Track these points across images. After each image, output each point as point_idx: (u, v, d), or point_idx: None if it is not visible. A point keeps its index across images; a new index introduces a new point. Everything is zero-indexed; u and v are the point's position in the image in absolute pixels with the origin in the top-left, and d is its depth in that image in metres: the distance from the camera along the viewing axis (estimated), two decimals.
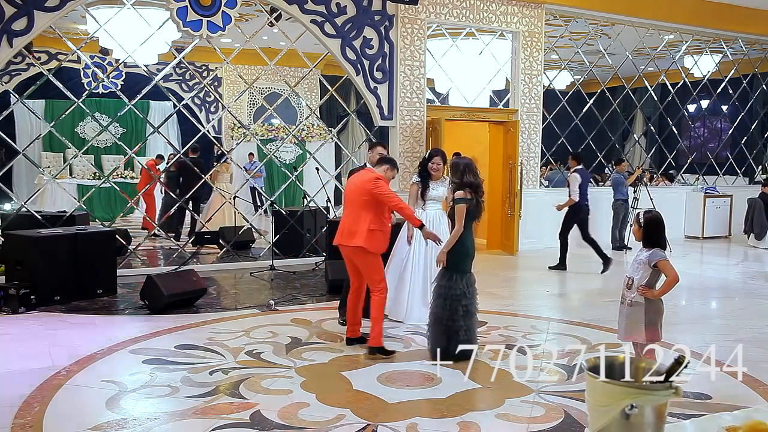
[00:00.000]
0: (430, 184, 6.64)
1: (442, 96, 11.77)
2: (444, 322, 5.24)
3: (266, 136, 15.81)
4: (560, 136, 12.34)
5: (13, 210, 9.43)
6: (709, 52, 14.05)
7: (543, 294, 8.21)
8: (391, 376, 4.94)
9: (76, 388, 4.66)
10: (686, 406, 4.21)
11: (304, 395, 4.54)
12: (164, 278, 7.10)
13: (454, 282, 5.27)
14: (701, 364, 5.05)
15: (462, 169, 5.38)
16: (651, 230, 4.44)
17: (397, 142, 10.03)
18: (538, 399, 4.48)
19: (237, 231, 10.47)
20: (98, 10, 9.76)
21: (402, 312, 6.56)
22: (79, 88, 12.03)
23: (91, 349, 5.52)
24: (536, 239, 11.06)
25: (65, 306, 7.06)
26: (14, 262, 7.23)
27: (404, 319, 6.52)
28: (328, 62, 11.10)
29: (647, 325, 4.36)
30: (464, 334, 5.22)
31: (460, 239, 5.26)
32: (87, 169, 15.36)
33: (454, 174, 5.43)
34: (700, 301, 8.00)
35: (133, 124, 16.70)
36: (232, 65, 10.65)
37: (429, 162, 6.64)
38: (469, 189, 5.30)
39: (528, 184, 11.14)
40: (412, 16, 10.01)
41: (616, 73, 13.29)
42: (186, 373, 4.97)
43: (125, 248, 9.33)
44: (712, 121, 17.01)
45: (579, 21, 12.04)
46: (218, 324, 6.44)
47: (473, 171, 5.39)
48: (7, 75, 13.07)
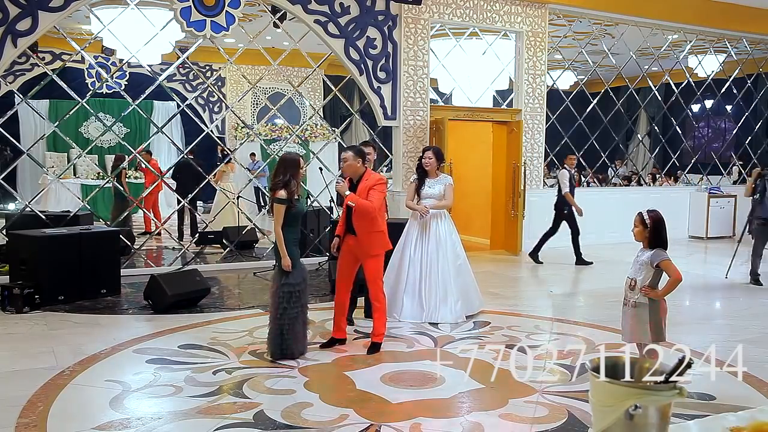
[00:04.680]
0: (426, 181, 6.67)
1: (446, 96, 11.76)
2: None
3: (270, 136, 15.82)
4: (564, 136, 12.32)
5: (18, 210, 9.45)
6: (714, 52, 14.02)
7: (546, 294, 8.20)
8: (395, 376, 4.94)
9: (79, 388, 4.66)
10: (690, 407, 4.19)
11: (307, 395, 4.54)
12: (168, 278, 7.10)
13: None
14: (702, 363, 5.04)
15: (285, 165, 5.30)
16: (657, 230, 4.42)
17: (401, 142, 10.03)
18: (541, 399, 4.48)
19: (240, 231, 10.48)
20: (102, 11, 9.77)
21: (398, 309, 6.58)
22: (83, 88, 12.04)
23: (94, 349, 5.53)
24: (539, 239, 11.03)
25: (69, 306, 7.07)
26: (18, 261, 7.24)
27: (398, 317, 6.54)
28: (332, 62, 11.10)
29: (652, 325, 4.36)
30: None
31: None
32: (91, 169, 15.39)
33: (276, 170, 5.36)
34: (704, 301, 7.99)
35: (136, 124, 16.72)
36: (235, 65, 10.68)
37: (422, 158, 6.71)
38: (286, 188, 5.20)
39: (531, 184, 11.13)
40: (415, 16, 10.01)
41: (620, 73, 13.26)
42: (189, 372, 4.97)
43: (129, 248, 9.35)
44: (716, 121, 16.97)
45: (583, 21, 12.02)
46: (222, 324, 6.45)
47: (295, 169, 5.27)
48: (11, 75, 13.09)
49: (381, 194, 5.53)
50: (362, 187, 5.51)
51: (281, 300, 5.22)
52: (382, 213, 5.66)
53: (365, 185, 5.51)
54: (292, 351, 5.27)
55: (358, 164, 5.57)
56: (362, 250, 5.53)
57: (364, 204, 5.42)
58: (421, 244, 6.62)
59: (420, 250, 6.63)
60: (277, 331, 5.24)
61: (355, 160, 5.55)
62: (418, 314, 6.53)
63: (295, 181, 5.24)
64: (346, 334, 5.78)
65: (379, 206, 5.51)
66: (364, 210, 5.44)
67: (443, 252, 6.63)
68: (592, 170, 13.61)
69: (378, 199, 5.48)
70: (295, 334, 5.28)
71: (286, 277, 5.24)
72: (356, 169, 5.58)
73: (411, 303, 6.59)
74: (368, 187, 5.49)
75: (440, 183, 6.67)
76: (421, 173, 6.74)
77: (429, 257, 6.60)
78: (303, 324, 5.39)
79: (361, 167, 5.61)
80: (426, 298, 6.56)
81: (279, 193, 5.17)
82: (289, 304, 5.23)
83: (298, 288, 5.29)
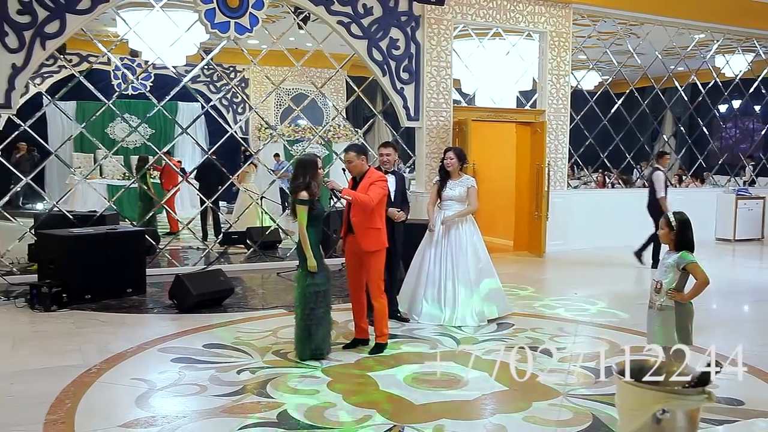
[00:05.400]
0: (447, 183, 6.64)
1: (469, 97, 11.73)
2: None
3: (293, 137, 15.87)
4: (588, 137, 12.22)
5: (46, 210, 9.59)
6: (741, 51, 13.82)
7: (571, 296, 8.13)
8: (418, 378, 4.93)
9: (106, 386, 4.72)
10: (718, 412, 4.13)
11: (330, 395, 4.55)
12: (192, 278, 7.17)
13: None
14: (729, 366, 4.95)
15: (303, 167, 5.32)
16: (684, 232, 4.36)
17: (424, 143, 10.01)
18: (565, 402, 4.45)
19: (264, 231, 10.53)
20: (128, 13, 9.89)
21: (417, 310, 6.57)
22: (109, 90, 12.20)
23: (120, 347, 5.60)
24: (563, 241, 10.95)
25: (96, 304, 7.15)
26: (47, 261, 7.36)
27: (418, 318, 6.53)
28: (355, 63, 11.12)
29: (678, 329, 4.29)
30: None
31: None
32: (117, 170, 15.56)
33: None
34: (731, 304, 7.87)
35: (161, 125, 16.87)
36: (259, 66, 10.74)
37: (443, 159, 6.69)
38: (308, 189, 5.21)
39: (555, 185, 11.05)
40: (438, 17, 9.99)
41: (645, 73, 13.13)
42: (214, 372, 5.01)
43: (154, 248, 9.44)
44: (744, 122, 16.72)
45: (607, 21, 11.91)
46: (245, 324, 6.49)
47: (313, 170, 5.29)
48: (39, 77, 13.28)
49: (382, 190, 5.52)
50: (364, 183, 5.52)
51: (308, 301, 5.24)
52: (381, 212, 5.62)
53: (367, 182, 5.52)
54: (321, 351, 5.29)
55: (362, 162, 5.61)
56: (359, 248, 5.51)
57: (361, 198, 5.40)
58: (442, 245, 6.59)
59: (441, 251, 6.60)
60: (305, 332, 5.26)
61: (359, 158, 5.59)
62: (438, 316, 6.50)
63: (315, 182, 5.26)
64: (368, 334, 5.78)
65: (377, 201, 5.47)
66: (362, 204, 5.41)
67: (464, 254, 6.59)
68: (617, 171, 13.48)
69: (377, 195, 5.45)
70: (322, 335, 5.30)
71: (311, 278, 5.26)
72: (362, 167, 5.60)
73: (431, 305, 6.56)
74: (370, 183, 5.50)
75: (462, 185, 6.63)
76: (443, 174, 6.72)
77: (450, 259, 6.56)
78: (328, 324, 5.40)
79: (365, 164, 5.64)
80: (446, 301, 6.54)
81: (301, 194, 5.20)
82: (316, 305, 5.25)
83: (324, 288, 5.32)
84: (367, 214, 5.44)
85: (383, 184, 5.57)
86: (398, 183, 6.56)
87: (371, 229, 5.50)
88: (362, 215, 5.45)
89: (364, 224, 5.47)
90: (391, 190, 6.33)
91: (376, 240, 5.53)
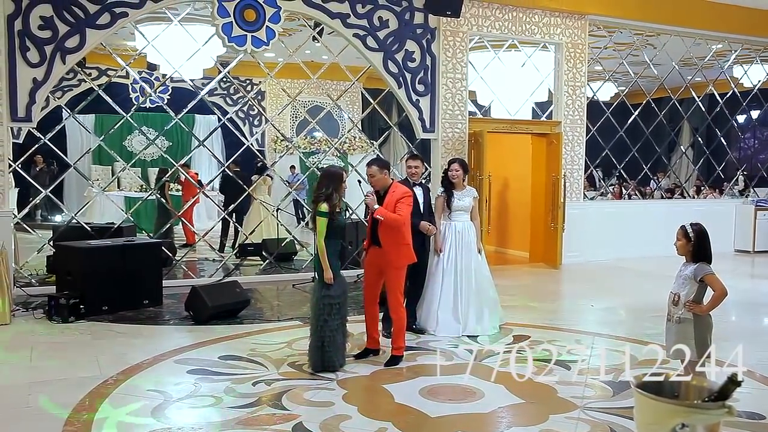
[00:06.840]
0: (454, 194, 6.65)
1: (484, 108, 11.72)
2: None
3: (309, 149, 15.95)
4: (605, 148, 12.17)
5: (64, 222, 9.68)
6: (760, 61, 13.71)
7: (588, 308, 8.07)
8: (434, 390, 4.91)
9: (122, 397, 4.74)
10: (739, 426, 4.07)
11: (345, 407, 4.54)
12: (208, 289, 7.19)
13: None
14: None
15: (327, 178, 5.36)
16: (701, 243, 4.32)
17: (439, 155, 10.01)
18: (582, 415, 4.40)
19: (280, 243, 10.56)
20: (146, 27, 10.01)
21: (433, 323, 6.56)
22: (128, 103, 12.31)
23: (137, 359, 5.62)
24: (579, 253, 10.88)
25: (113, 316, 7.20)
26: (65, 272, 7.43)
27: (435, 332, 6.50)
28: (370, 75, 11.15)
29: (697, 342, 4.24)
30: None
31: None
32: (134, 182, 15.71)
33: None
34: (750, 316, 7.77)
35: (178, 137, 17.04)
36: (275, 79, 10.81)
37: (448, 170, 6.69)
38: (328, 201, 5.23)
39: (571, 197, 11.00)
40: (454, 29, 10.01)
41: (662, 84, 13.06)
42: (229, 383, 5.01)
43: (170, 259, 9.50)
44: (762, 132, 16.57)
45: (623, 32, 11.87)
46: (261, 335, 6.50)
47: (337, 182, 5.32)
48: (59, 91, 13.45)
49: (408, 207, 5.56)
50: (389, 199, 5.53)
51: (322, 312, 5.25)
52: (408, 226, 5.65)
53: (392, 198, 5.53)
54: (333, 363, 5.28)
55: (385, 176, 5.62)
56: (387, 262, 5.53)
57: (393, 217, 5.44)
58: (453, 258, 6.59)
59: (451, 264, 6.60)
60: (318, 343, 5.26)
61: (381, 172, 5.62)
62: (455, 328, 6.49)
63: (337, 195, 5.29)
64: (379, 344, 5.77)
65: (406, 219, 5.51)
66: (393, 223, 5.45)
67: (477, 264, 6.62)
68: (634, 182, 13.40)
69: (406, 213, 5.51)
70: (336, 347, 5.30)
71: (326, 289, 5.27)
72: (385, 181, 5.63)
73: (446, 317, 6.54)
74: (395, 199, 5.51)
75: (468, 195, 6.70)
76: (447, 185, 6.73)
77: (462, 271, 6.57)
78: (343, 336, 5.40)
79: (388, 179, 5.66)
80: (462, 312, 6.53)
81: (321, 206, 5.22)
82: (330, 317, 5.25)
83: (339, 300, 5.31)
84: (396, 231, 5.46)
85: (409, 200, 5.59)
86: (425, 195, 6.60)
87: (402, 245, 5.55)
88: (392, 232, 5.48)
89: (395, 240, 5.51)
90: (420, 203, 6.38)
91: (406, 255, 5.58)
